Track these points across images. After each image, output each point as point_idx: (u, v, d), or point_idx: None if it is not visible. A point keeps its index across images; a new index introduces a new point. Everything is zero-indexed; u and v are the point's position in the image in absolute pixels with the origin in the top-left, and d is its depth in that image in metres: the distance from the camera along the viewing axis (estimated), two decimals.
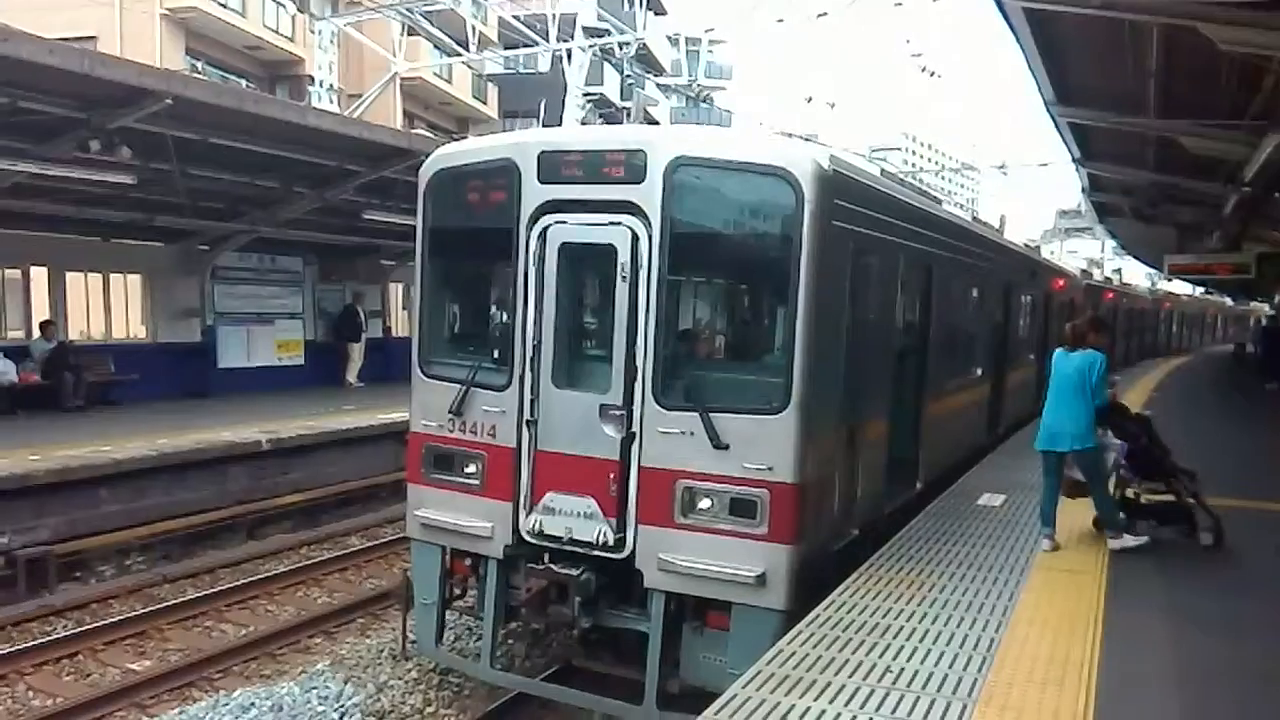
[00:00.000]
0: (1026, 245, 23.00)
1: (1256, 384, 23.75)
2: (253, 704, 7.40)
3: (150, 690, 7.91)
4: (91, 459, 11.09)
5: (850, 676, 5.05)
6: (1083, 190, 23.41)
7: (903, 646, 5.48)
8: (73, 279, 16.36)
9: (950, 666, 5.21)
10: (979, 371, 12.82)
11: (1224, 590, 6.97)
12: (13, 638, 8.98)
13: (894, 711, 4.64)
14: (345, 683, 7.89)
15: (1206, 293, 60.44)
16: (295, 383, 19.23)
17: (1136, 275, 56.08)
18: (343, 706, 7.49)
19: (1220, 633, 6.08)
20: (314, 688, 7.76)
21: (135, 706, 7.67)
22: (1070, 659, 5.36)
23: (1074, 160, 18.28)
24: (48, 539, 10.32)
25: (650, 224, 6.52)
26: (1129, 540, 7.67)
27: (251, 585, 10.53)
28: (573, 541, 6.77)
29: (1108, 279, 39.83)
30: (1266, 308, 58.54)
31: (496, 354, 7.22)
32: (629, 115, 29.85)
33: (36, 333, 15.48)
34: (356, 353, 20.73)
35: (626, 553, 6.65)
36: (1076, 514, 7.89)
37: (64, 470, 10.61)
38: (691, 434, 6.42)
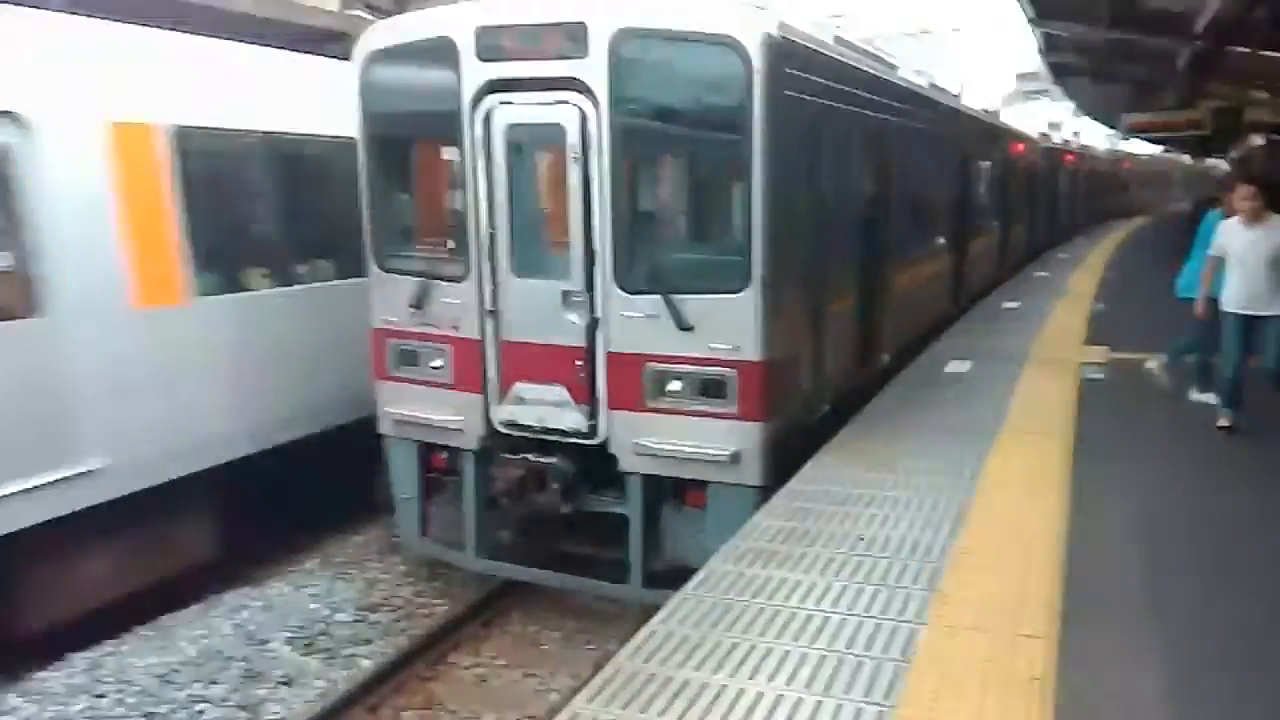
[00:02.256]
0: (985, 111, 22.78)
1: None
2: (244, 605, 7.49)
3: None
4: None
5: (824, 546, 5.19)
6: (1039, 51, 23.11)
7: (874, 514, 5.65)
8: None
9: (921, 531, 5.38)
10: (941, 240, 12.84)
11: (1186, 441, 7.23)
12: None
13: (868, 576, 4.81)
14: (335, 579, 8.02)
15: (1165, 152, 60.66)
16: None
17: (1096, 137, 56.00)
18: (334, 602, 7.62)
19: (1179, 482, 6.34)
20: (304, 586, 7.87)
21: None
22: (1038, 518, 5.55)
23: (1029, 20, 17.99)
24: None
25: (597, 101, 6.30)
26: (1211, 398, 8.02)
27: None
28: (546, 430, 6.81)
29: (1066, 141, 39.71)
30: (1223, 164, 58.97)
31: (451, 244, 7.05)
32: None
33: None
34: None
35: (600, 438, 6.71)
36: (1039, 375, 8.06)
37: None
38: (656, 317, 6.39)
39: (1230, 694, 3.83)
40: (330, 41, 13.51)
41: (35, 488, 6.24)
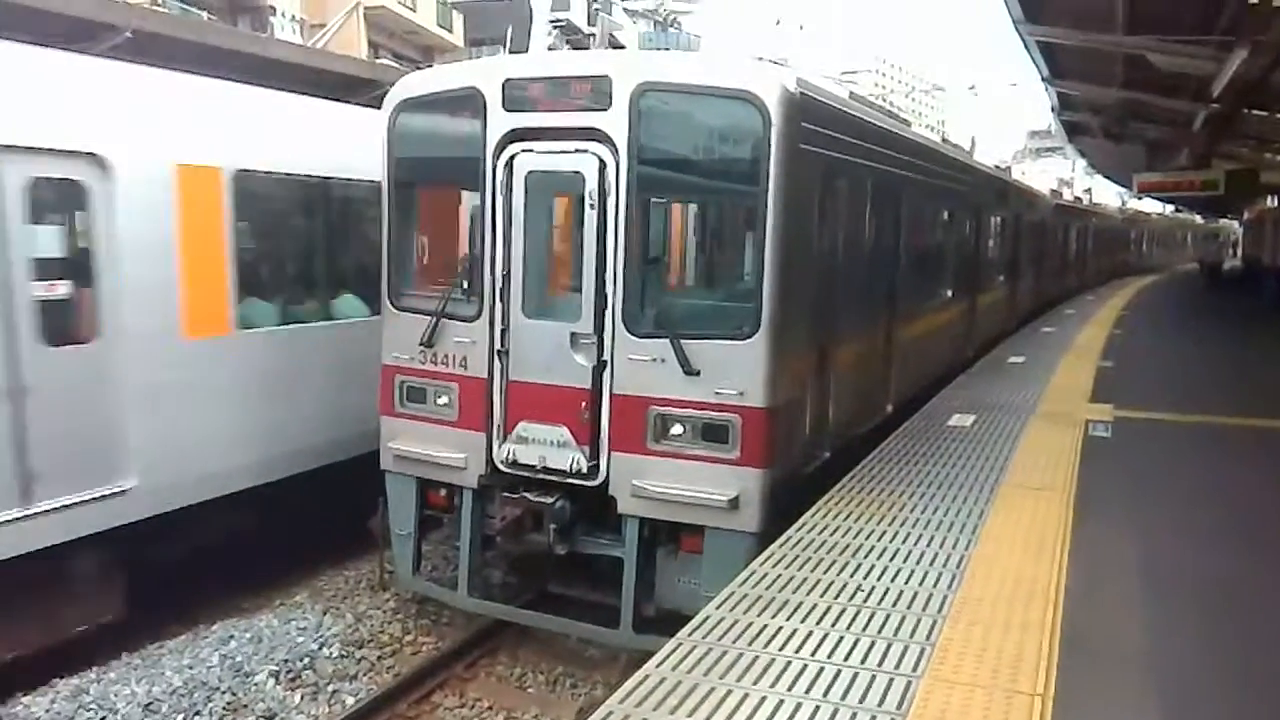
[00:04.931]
0: (996, 166, 22.96)
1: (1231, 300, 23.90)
2: (232, 636, 7.44)
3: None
4: None
5: (821, 596, 5.13)
6: (1052, 109, 23.31)
7: (873, 566, 5.57)
8: None
9: (920, 584, 5.31)
10: (949, 293, 12.86)
11: (1185, 501, 7.15)
12: None
13: (865, 629, 4.73)
14: (324, 614, 7.95)
15: (1176, 211, 60.92)
16: None
17: (1107, 195, 56.34)
18: (322, 636, 7.55)
19: (1182, 542, 6.26)
20: (292, 619, 7.81)
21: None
22: (1038, 574, 5.48)
23: (1043, 79, 18.16)
24: None
25: (617, 151, 6.44)
26: None
27: None
28: (546, 470, 6.80)
29: (1077, 199, 39.91)
30: (1236, 224, 59.15)
31: (466, 285, 7.17)
32: (595, 41, 29.31)
33: None
34: None
35: (600, 480, 6.69)
36: (1043, 430, 8.01)
37: None
38: (663, 361, 6.42)
39: None
40: (360, 88, 13.81)
41: None
